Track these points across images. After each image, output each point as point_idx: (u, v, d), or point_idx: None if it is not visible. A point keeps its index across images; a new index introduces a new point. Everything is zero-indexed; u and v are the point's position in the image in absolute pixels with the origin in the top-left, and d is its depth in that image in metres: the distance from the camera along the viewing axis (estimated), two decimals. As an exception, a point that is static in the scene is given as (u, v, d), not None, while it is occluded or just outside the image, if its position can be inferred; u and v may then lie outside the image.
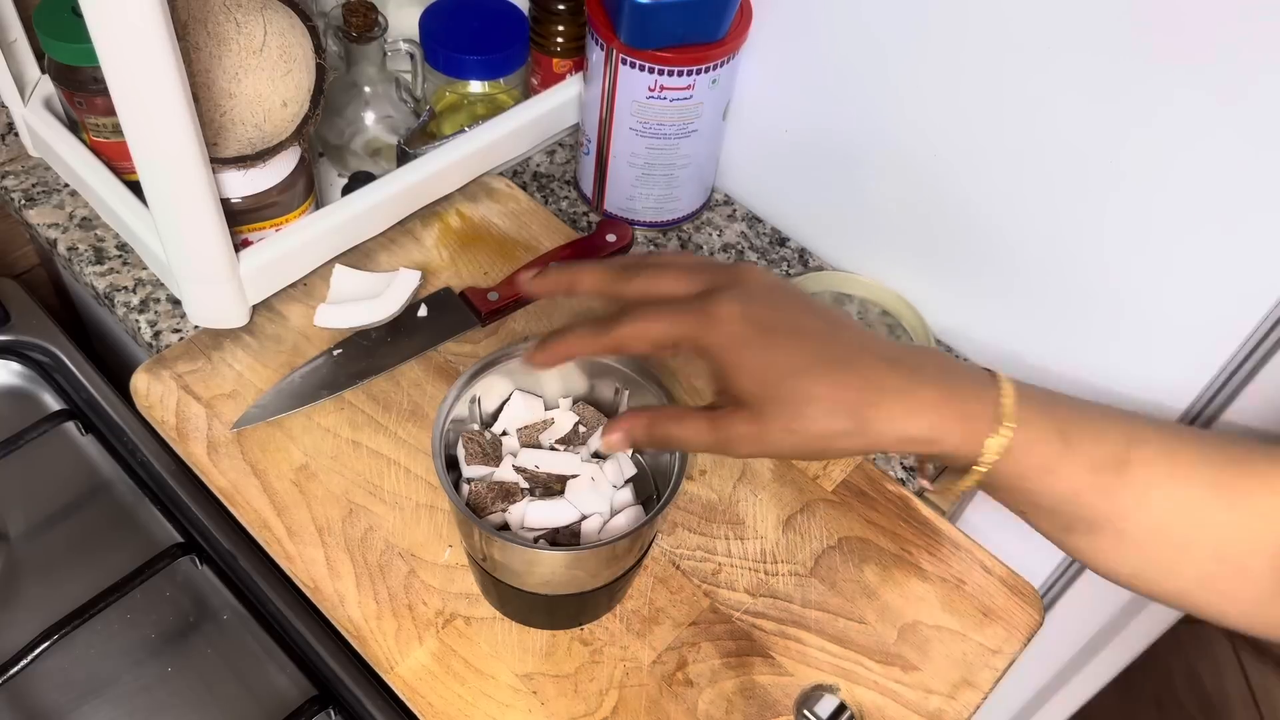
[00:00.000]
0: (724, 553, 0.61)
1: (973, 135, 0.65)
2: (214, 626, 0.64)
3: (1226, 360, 0.62)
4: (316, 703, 0.58)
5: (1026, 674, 0.93)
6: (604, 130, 0.74)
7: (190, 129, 0.55)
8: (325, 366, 0.66)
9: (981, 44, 0.61)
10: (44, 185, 0.77)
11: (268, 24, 0.61)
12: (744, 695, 0.56)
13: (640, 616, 0.58)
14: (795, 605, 0.59)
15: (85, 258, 0.73)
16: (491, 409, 0.58)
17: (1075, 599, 0.83)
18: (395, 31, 0.79)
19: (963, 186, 0.67)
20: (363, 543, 0.59)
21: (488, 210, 0.77)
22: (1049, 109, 0.60)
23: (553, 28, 0.77)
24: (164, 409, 0.64)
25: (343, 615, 0.57)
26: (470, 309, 0.70)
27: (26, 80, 0.74)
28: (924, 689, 0.57)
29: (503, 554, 0.51)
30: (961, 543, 0.63)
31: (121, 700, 0.62)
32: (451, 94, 0.78)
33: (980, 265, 0.69)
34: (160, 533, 0.67)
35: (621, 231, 0.75)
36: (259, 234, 0.68)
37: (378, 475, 0.62)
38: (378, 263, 0.73)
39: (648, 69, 0.68)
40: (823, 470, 0.65)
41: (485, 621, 0.57)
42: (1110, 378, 0.67)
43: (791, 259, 0.79)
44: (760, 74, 0.74)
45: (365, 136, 0.77)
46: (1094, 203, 0.61)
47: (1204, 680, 1.54)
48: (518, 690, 0.55)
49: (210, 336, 0.68)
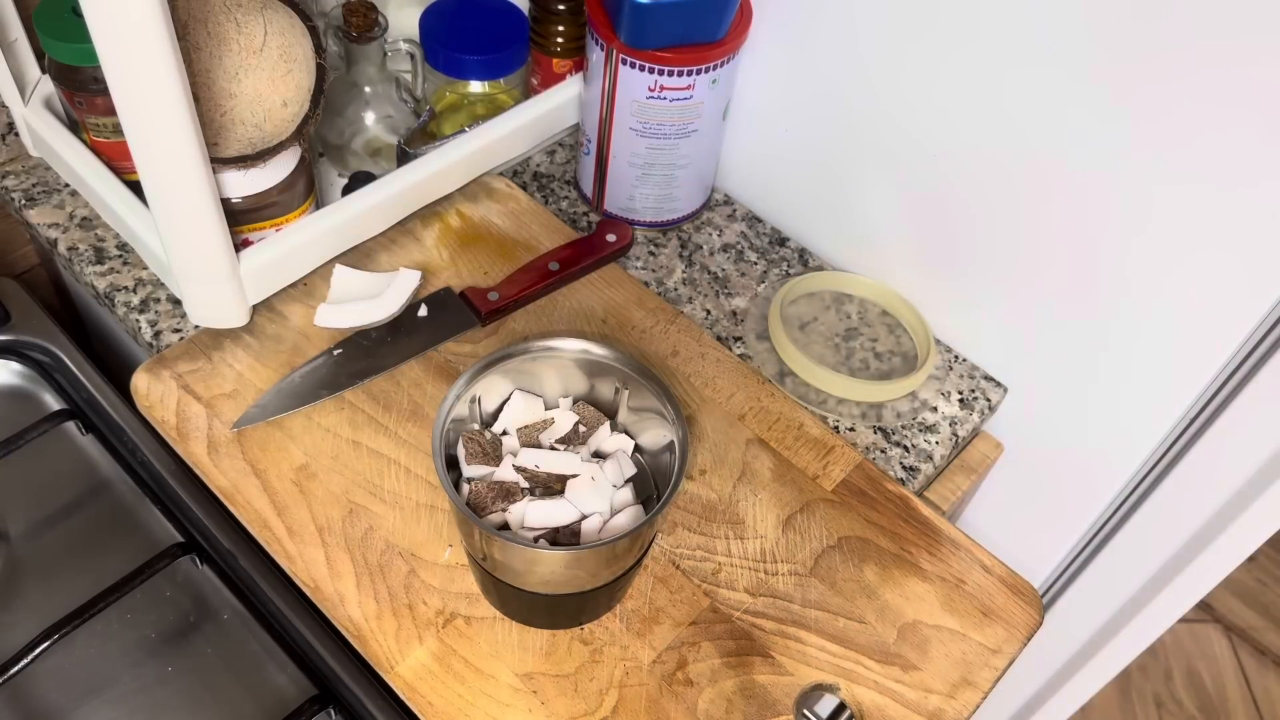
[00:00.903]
0: (724, 552, 0.61)
1: (973, 135, 0.65)
2: (214, 626, 0.64)
3: (1227, 359, 0.62)
4: (317, 702, 0.58)
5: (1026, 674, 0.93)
6: (604, 130, 0.74)
7: (190, 129, 0.55)
8: (325, 366, 0.66)
9: (982, 44, 0.61)
10: (44, 185, 0.77)
11: (268, 24, 0.61)
12: (744, 695, 0.56)
13: (640, 616, 0.58)
14: (795, 605, 0.59)
15: (85, 257, 0.73)
16: (492, 408, 0.58)
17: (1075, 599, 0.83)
18: (395, 31, 0.79)
19: (962, 186, 0.67)
20: (363, 542, 0.59)
21: (488, 210, 0.77)
22: (1049, 109, 0.60)
23: (553, 28, 0.78)
24: (164, 409, 0.64)
25: (343, 615, 0.57)
26: (470, 309, 0.70)
27: (27, 80, 0.74)
28: (924, 688, 0.57)
29: (503, 553, 0.51)
30: (961, 542, 0.63)
31: (121, 700, 0.62)
32: (452, 94, 0.79)
33: (980, 265, 0.70)
34: (160, 532, 0.67)
35: (621, 231, 0.75)
36: (259, 234, 0.68)
37: (378, 475, 0.62)
38: (378, 263, 0.73)
39: (648, 69, 0.68)
40: (823, 470, 0.65)
41: (485, 621, 0.57)
42: (1110, 377, 0.67)
43: (791, 259, 0.79)
44: (760, 74, 0.74)
45: (365, 136, 0.77)
46: (1094, 202, 0.61)
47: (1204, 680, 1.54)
48: (518, 690, 0.55)
49: (210, 336, 0.68)
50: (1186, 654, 1.56)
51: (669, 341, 0.71)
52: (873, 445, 0.69)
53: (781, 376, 0.71)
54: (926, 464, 0.69)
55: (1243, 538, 0.69)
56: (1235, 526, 0.68)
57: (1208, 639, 1.58)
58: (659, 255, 0.78)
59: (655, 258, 0.78)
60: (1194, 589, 0.74)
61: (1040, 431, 0.74)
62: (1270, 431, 0.63)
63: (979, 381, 0.73)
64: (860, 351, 0.73)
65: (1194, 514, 0.71)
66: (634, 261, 0.77)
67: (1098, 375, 0.68)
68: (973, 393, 0.73)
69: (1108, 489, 0.73)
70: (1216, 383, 0.63)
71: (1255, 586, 1.63)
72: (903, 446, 0.69)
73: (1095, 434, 0.71)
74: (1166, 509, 0.72)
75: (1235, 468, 0.67)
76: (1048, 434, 0.74)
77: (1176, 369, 0.64)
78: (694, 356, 0.70)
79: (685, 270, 0.77)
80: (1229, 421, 0.65)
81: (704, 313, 0.75)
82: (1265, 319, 0.59)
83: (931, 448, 0.69)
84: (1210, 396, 0.64)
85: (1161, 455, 0.70)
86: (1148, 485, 0.72)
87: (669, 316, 0.72)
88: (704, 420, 0.67)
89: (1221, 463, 0.67)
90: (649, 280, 0.76)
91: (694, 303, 0.75)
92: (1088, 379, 0.69)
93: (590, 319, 0.71)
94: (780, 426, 0.67)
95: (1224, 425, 0.65)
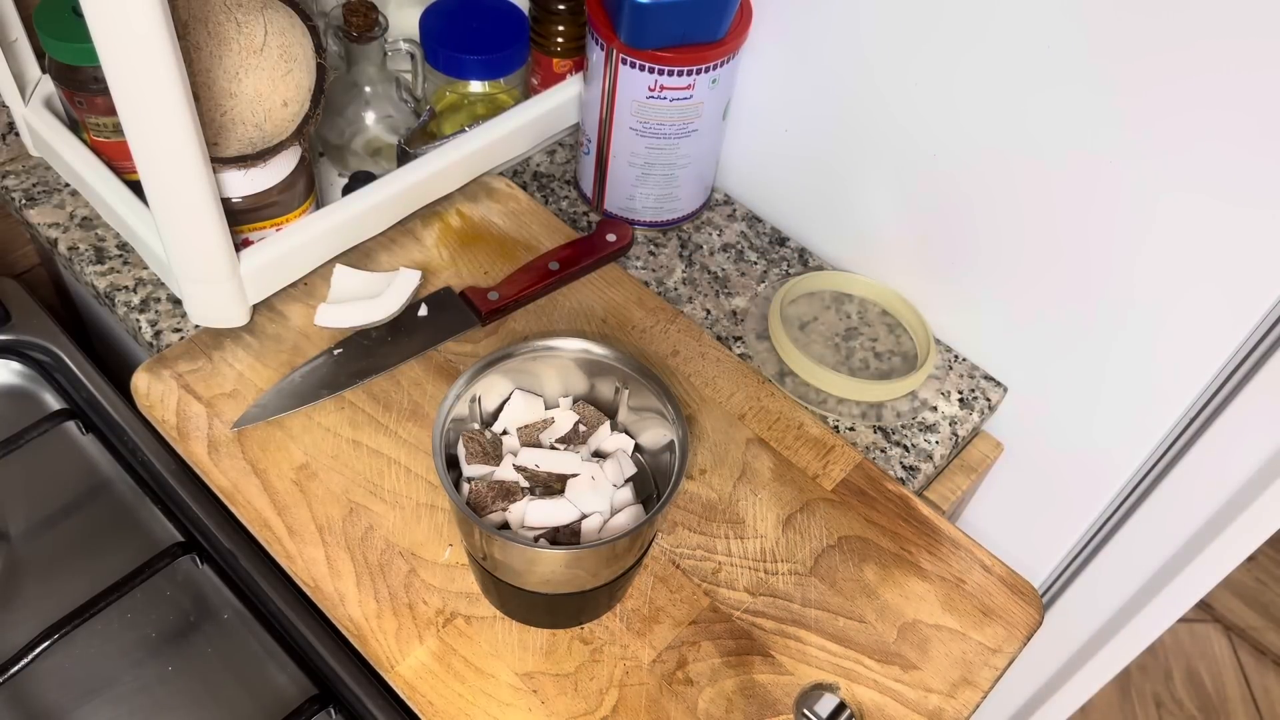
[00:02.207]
0: (724, 552, 0.61)
1: (973, 134, 0.65)
2: (214, 626, 0.64)
3: (1227, 359, 0.62)
4: (317, 702, 0.58)
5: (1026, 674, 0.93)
6: (604, 130, 0.74)
7: (191, 128, 0.55)
8: (325, 366, 0.66)
9: (982, 43, 0.61)
10: (44, 185, 0.77)
11: (268, 23, 0.61)
12: (744, 694, 0.56)
13: (640, 615, 0.58)
14: (795, 604, 0.59)
15: (86, 257, 0.73)
16: (492, 408, 0.58)
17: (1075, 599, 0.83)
18: (395, 31, 0.79)
19: (962, 186, 0.67)
20: (363, 542, 0.59)
21: (488, 210, 0.77)
22: (1050, 109, 0.60)
23: (553, 27, 0.78)
24: (164, 408, 0.64)
25: (343, 614, 0.57)
26: (470, 308, 0.70)
27: (27, 80, 0.74)
28: (924, 688, 0.57)
29: (503, 553, 0.51)
30: (961, 542, 0.63)
31: (121, 700, 0.62)
32: (452, 94, 0.79)
33: (980, 265, 0.70)
34: (160, 532, 0.67)
35: (621, 231, 0.75)
36: (259, 233, 0.68)
37: (378, 474, 0.62)
38: (378, 262, 0.73)
39: (648, 69, 0.68)
40: (823, 470, 0.65)
41: (486, 620, 0.57)
42: (1110, 376, 0.67)
43: (791, 259, 0.79)
44: (760, 74, 0.74)
45: (365, 136, 0.77)
46: (1094, 202, 0.61)
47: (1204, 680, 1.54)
48: (518, 689, 0.55)
49: (211, 336, 0.68)
50: (1186, 654, 1.56)
51: (669, 341, 0.71)
52: (873, 445, 0.69)
53: (781, 376, 0.71)
54: (926, 464, 0.69)
55: (1242, 537, 0.69)
56: (1235, 526, 0.68)
57: (1207, 639, 1.58)
58: (659, 255, 0.78)
59: (655, 257, 0.78)
60: (1194, 589, 0.74)
61: (1040, 431, 0.74)
62: (1270, 431, 0.63)
63: (979, 381, 0.73)
64: (860, 351, 0.73)
65: (1194, 513, 0.71)
66: (634, 261, 0.77)
67: (1098, 375, 0.68)
68: (973, 392, 0.73)
69: (1108, 488, 0.73)
70: (1216, 382, 0.63)
71: (1255, 586, 1.63)
72: (903, 446, 0.69)
73: (1095, 433, 0.71)
74: (1166, 509, 0.72)
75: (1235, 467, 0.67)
76: (1048, 434, 0.74)
77: (1177, 368, 0.64)
78: (694, 356, 0.70)
79: (685, 270, 0.77)
80: (1229, 421, 0.65)
81: (704, 312, 0.75)
82: (1265, 319, 0.59)
83: (931, 447, 0.69)
84: (1210, 396, 0.64)
85: (1161, 455, 0.70)
86: (1148, 485, 0.72)
87: (669, 316, 0.72)
88: (704, 420, 0.67)
89: (1221, 462, 0.67)
90: (649, 280, 0.76)
91: (694, 302, 0.75)
92: (1088, 378, 0.69)
93: (590, 319, 0.71)
94: (780, 426, 0.67)
95: (1224, 425, 0.65)
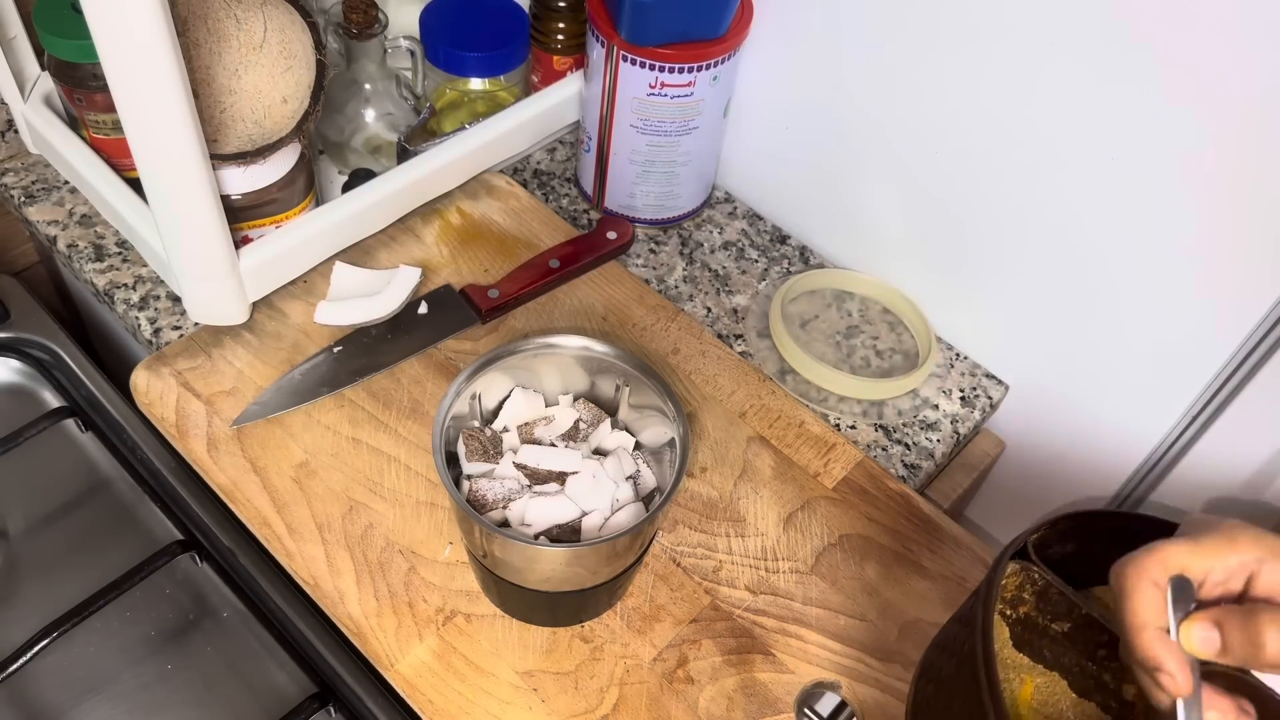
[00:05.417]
0: (725, 550, 0.61)
1: (974, 132, 0.64)
2: (214, 624, 0.64)
3: (1229, 358, 0.62)
4: (316, 700, 0.58)
5: (1027, 672, 0.93)
6: (605, 127, 0.74)
7: (190, 125, 0.55)
8: (325, 364, 0.66)
9: (983, 43, 0.61)
10: (44, 182, 0.77)
11: (268, 20, 0.61)
12: (745, 692, 0.56)
13: (641, 614, 0.58)
14: (796, 603, 0.59)
15: (85, 255, 0.73)
16: (492, 405, 0.58)
17: (1076, 597, 0.83)
18: (395, 28, 0.79)
19: (964, 184, 0.67)
20: (363, 540, 0.59)
21: (488, 207, 0.77)
22: (1050, 108, 0.60)
23: (553, 25, 0.77)
24: (164, 406, 0.64)
25: (343, 612, 0.57)
26: (470, 306, 0.70)
27: (26, 77, 0.74)
28: (925, 686, 0.57)
29: (503, 551, 0.51)
30: (963, 540, 0.63)
31: (121, 698, 0.61)
32: (452, 91, 0.78)
33: (980, 262, 0.69)
34: (160, 530, 0.67)
35: (622, 229, 0.75)
36: (259, 231, 0.68)
37: (378, 472, 0.62)
38: (378, 260, 0.73)
39: (648, 66, 0.68)
40: (824, 468, 0.65)
41: (486, 619, 0.57)
42: (1111, 375, 0.67)
43: (792, 256, 0.79)
44: (761, 71, 0.74)
45: (365, 133, 0.77)
46: (1095, 200, 0.61)
47: (1204, 679, 1.54)
48: (518, 687, 0.55)
49: (210, 333, 0.68)
50: (1187, 653, 1.56)
51: (670, 339, 0.71)
52: (874, 443, 0.69)
53: (782, 374, 0.71)
54: (928, 461, 0.69)
55: (1244, 536, 0.68)
56: (1237, 524, 0.68)
57: (1208, 638, 1.58)
58: (660, 253, 0.78)
59: (656, 255, 0.78)
60: (1195, 587, 0.74)
61: (1042, 429, 0.74)
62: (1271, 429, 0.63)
63: (980, 379, 0.73)
64: (861, 349, 0.73)
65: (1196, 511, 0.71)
66: (635, 259, 0.77)
67: (1099, 373, 0.68)
68: (974, 390, 0.72)
69: (1109, 487, 0.73)
70: (1218, 381, 0.63)
71: (1256, 585, 1.63)
72: (904, 444, 0.69)
73: (1096, 432, 0.71)
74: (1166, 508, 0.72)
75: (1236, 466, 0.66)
76: (1049, 431, 0.73)
77: (1178, 367, 0.64)
78: (695, 354, 0.70)
79: (686, 268, 0.77)
80: (1231, 419, 0.64)
81: (705, 310, 0.75)
82: (1266, 318, 0.59)
83: (933, 445, 0.69)
84: (1212, 395, 0.64)
85: (1163, 454, 0.70)
86: (1149, 484, 0.72)
87: (670, 314, 0.72)
88: (705, 418, 0.67)
89: (1223, 460, 0.67)
90: (650, 278, 0.76)
91: (695, 300, 0.75)
92: (1089, 377, 0.68)
93: (591, 316, 0.71)
94: (781, 424, 0.67)
95: (1228, 421, 0.64)
